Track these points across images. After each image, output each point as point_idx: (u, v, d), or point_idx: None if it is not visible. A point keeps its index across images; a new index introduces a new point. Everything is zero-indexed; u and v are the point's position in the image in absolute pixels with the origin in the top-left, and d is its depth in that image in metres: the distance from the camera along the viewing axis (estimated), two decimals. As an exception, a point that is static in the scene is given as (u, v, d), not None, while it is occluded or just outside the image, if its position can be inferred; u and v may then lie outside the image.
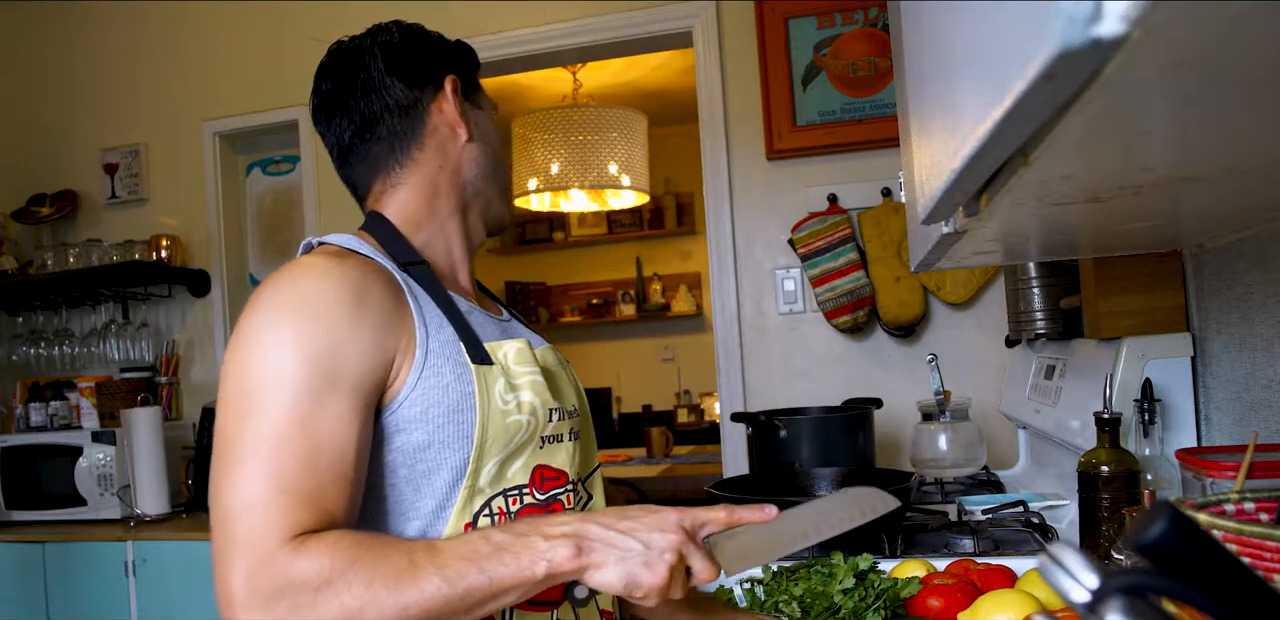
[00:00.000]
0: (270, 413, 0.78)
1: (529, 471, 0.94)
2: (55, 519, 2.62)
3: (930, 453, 1.79)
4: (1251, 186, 0.73)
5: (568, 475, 0.98)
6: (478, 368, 0.90)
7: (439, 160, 1.04)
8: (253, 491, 0.75)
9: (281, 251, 3.09)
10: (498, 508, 0.91)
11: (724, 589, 1.15)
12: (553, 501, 0.96)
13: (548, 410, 0.95)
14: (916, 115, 0.88)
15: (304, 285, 0.83)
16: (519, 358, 0.95)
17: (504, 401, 0.91)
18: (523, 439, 0.93)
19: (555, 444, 0.97)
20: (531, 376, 0.94)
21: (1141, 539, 0.39)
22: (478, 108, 1.07)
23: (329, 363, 0.80)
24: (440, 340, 0.90)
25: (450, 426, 0.88)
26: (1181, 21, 0.31)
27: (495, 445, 0.90)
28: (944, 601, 1.01)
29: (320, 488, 0.77)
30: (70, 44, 3.19)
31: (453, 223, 1.05)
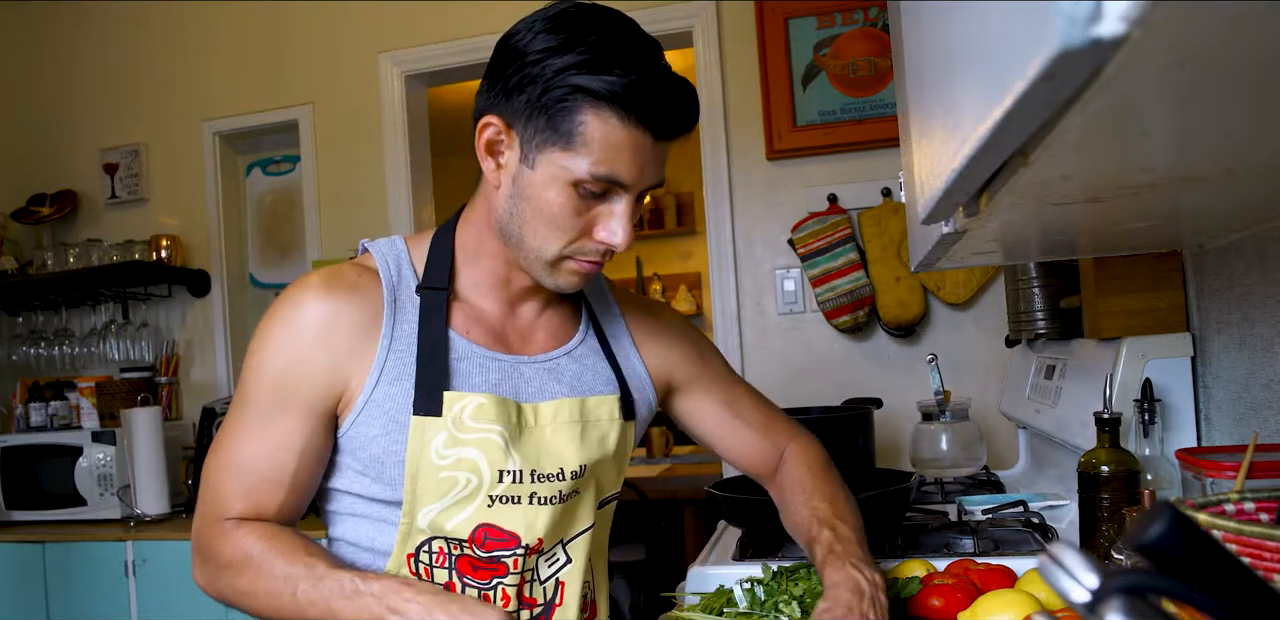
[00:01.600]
0: (240, 415, 0.93)
1: (470, 528, 0.93)
2: (55, 519, 2.62)
3: (930, 453, 1.79)
4: (1251, 186, 0.73)
5: (519, 539, 0.94)
6: (417, 419, 0.91)
7: (484, 192, 0.97)
8: (215, 469, 0.94)
9: (282, 251, 3.09)
10: (438, 547, 0.94)
11: (723, 589, 1.15)
12: (496, 562, 0.94)
13: (496, 472, 0.93)
14: (916, 115, 0.88)
15: (287, 310, 0.93)
16: (478, 413, 0.92)
17: (439, 456, 0.92)
18: (461, 495, 0.92)
19: (509, 505, 0.94)
20: (485, 434, 0.92)
21: (1141, 539, 0.39)
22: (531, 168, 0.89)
23: (284, 384, 0.91)
24: (386, 391, 0.92)
25: (378, 469, 0.94)
26: (1181, 21, 0.31)
27: (427, 496, 0.93)
28: (944, 601, 1.01)
29: (260, 485, 0.92)
30: (70, 44, 3.19)
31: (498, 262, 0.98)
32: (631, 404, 1.06)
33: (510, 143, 0.90)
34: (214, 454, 0.94)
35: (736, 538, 1.44)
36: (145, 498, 2.55)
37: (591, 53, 0.85)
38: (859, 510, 1.08)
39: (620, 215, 0.91)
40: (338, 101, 2.87)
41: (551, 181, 0.88)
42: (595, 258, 0.93)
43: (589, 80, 0.84)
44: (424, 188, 2.88)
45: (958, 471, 1.78)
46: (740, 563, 1.31)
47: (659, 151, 0.90)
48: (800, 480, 1.11)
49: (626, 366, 1.08)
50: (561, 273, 0.94)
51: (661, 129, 0.87)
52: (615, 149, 0.86)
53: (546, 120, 0.86)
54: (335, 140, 2.88)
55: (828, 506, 1.05)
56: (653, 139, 0.87)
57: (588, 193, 0.88)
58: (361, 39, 2.81)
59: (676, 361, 1.13)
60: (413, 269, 0.98)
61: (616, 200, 0.90)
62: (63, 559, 2.49)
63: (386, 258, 0.98)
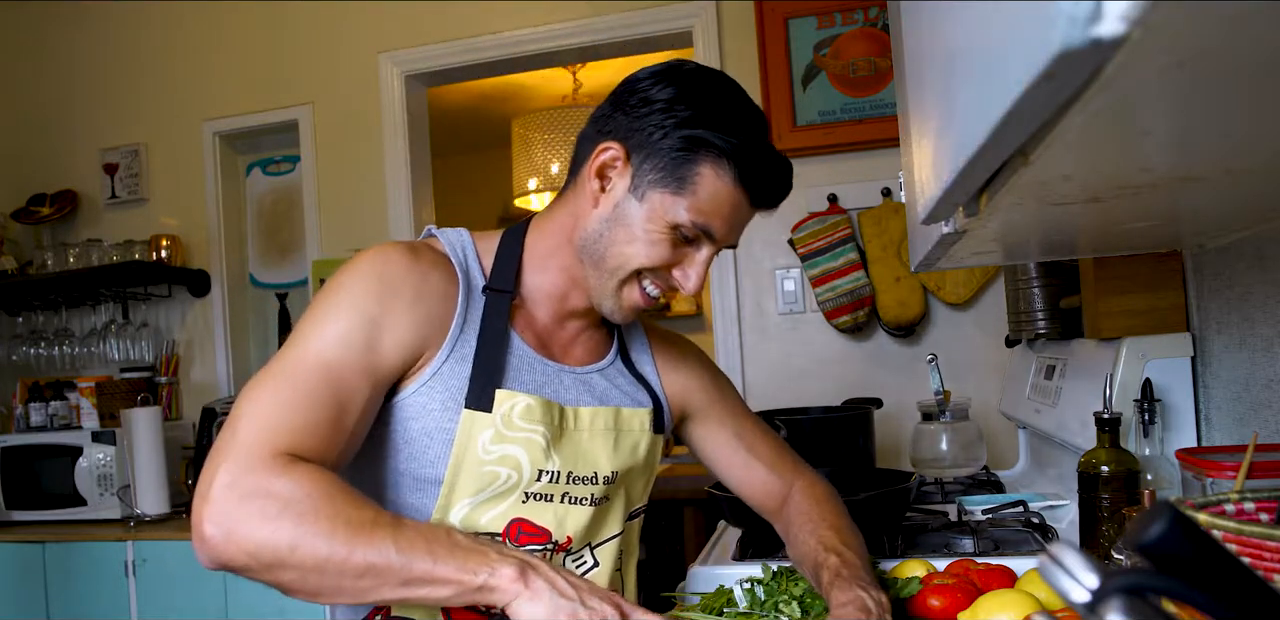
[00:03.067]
0: (309, 348, 0.86)
1: (505, 522, 0.95)
2: (55, 519, 2.62)
3: (930, 453, 1.79)
4: (1251, 186, 0.73)
5: (550, 534, 0.97)
6: (468, 413, 0.93)
7: (572, 205, 1.00)
8: (266, 403, 0.82)
9: (282, 251, 3.09)
10: None
11: (724, 589, 1.15)
12: None
13: (535, 470, 0.95)
14: (916, 115, 0.88)
15: (378, 265, 0.91)
16: (526, 414, 0.95)
17: (485, 451, 0.93)
18: (499, 490, 0.95)
19: (542, 503, 0.97)
20: (529, 434, 0.95)
21: (1141, 539, 0.39)
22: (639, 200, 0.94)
23: (371, 330, 0.88)
24: (454, 368, 0.93)
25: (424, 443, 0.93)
26: (1181, 21, 0.31)
27: (467, 488, 0.94)
28: (944, 601, 1.01)
29: (319, 424, 0.83)
30: (70, 44, 3.19)
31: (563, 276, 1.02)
32: (662, 418, 1.10)
33: (623, 172, 0.95)
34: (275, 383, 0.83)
35: (736, 538, 1.44)
36: (145, 498, 2.55)
37: (719, 112, 0.93)
38: (864, 542, 1.10)
39: (699, 263, 0.97)
40: (338, 101, 2.87)
41: (653, 218, 0.94)
42: (658, 292, 0.99)
43: (716, 137, 0.91)
44: (424, 188, 2.88)
45: (958, 471, 1.78)
46: (740, 563, 1.31)
47: (748, 216, 0.99)
48: (807, 511, 1.12)
49: (653, 387, 1.12)
50: (623, 299, 0.98)
51: (761, 197, 0.97)
52: (719, 203, 0.93)
53: (668, 162, 0.92)
54: (335, 140, 2.88)
55: (834, 534, 1.07)
56: (749, 204, 0.96)
57: (680, 237, 0.95)
58: (361, 39, 2.81)
59: (694, 389, 1.16)
60: (479, 264, 1.00)
61: (701, 249, 0.97)
62: (63, 559, 2.49)
63: (455, 246, 1.00)
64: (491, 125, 4.54)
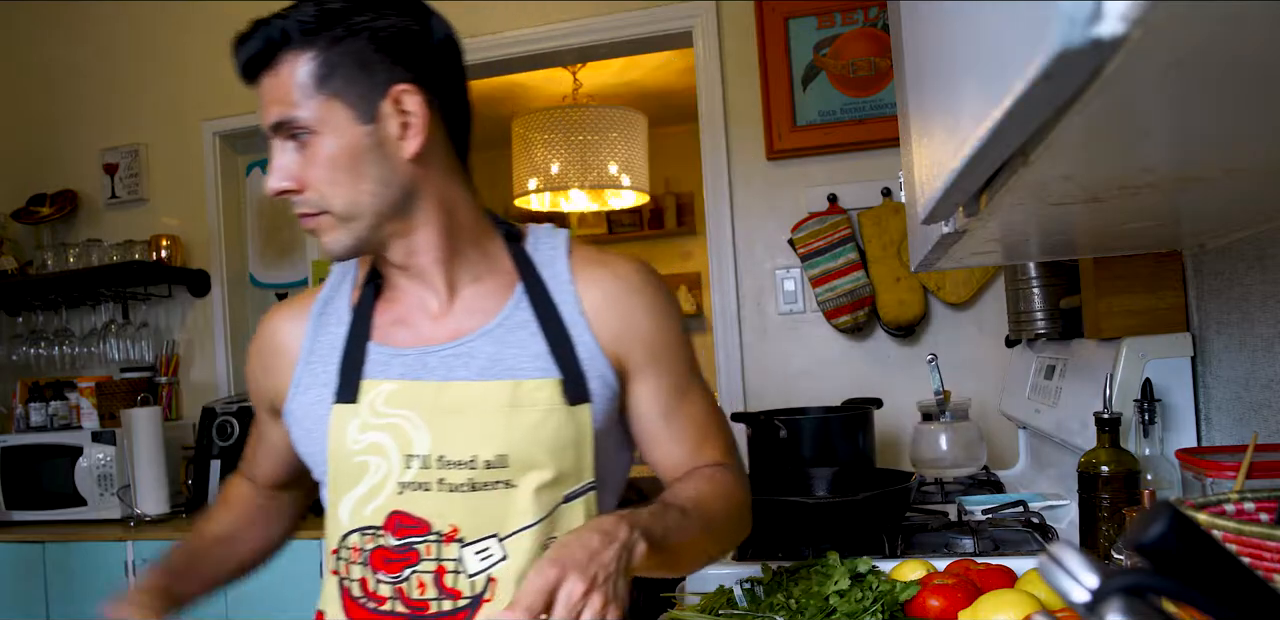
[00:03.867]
0: None
1: (384, 514, 0.95)
2: (55, 519, 2.62)
3: (930, 453, 1.79)
4: (1251, 186, 0.73)
5: (429, 525, 0.94)
6: (338, 407, 0.97)
7: None
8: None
9: (281, 252, 3.09)
10: (353, 543, 0.97)
11: (724, 589, 1.15)
12: (409, 550, 0.95)
13: (404, 456, 0.94)
14: (916, 115, 0.88)
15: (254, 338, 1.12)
16: (390, 400, 0.96)
17: (354, 441, 0.96)
18: (374, 480, 0.96)
19: (419, 492, 0.94)
20: (395, 419, 0.95)
21: (1141, 539, 0.39)
22: None
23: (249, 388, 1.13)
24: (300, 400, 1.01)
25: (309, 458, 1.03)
26: (1181, 21, 0.31)
27: (345, 483, 0.97)
28: (944, 601, 1.01)
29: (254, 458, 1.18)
30: (70, 44, 3.19)
31: None
32: (582, 385, 0.97)
33: None
34: None
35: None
36: (145, 498, 2.55)
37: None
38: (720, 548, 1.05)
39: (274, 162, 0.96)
40: (338, 101, 2.86)
41: None
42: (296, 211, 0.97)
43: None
44: (424, 188, 2.87)
45: (958, 471, 1.78)
46: (740, 563, 1.31)
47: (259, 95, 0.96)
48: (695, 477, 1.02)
49: (577, 339, 0.98)
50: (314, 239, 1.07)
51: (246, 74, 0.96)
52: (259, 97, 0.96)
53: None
54: (335, 140, 2.87)
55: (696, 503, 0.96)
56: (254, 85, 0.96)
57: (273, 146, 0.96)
58: (361, 39, 2.80)
59: (631, 341, 1.01)
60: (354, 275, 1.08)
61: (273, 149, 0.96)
62: (63, 559, 2.49)
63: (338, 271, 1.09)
64: (491, 125, 4.52)
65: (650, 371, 1.03)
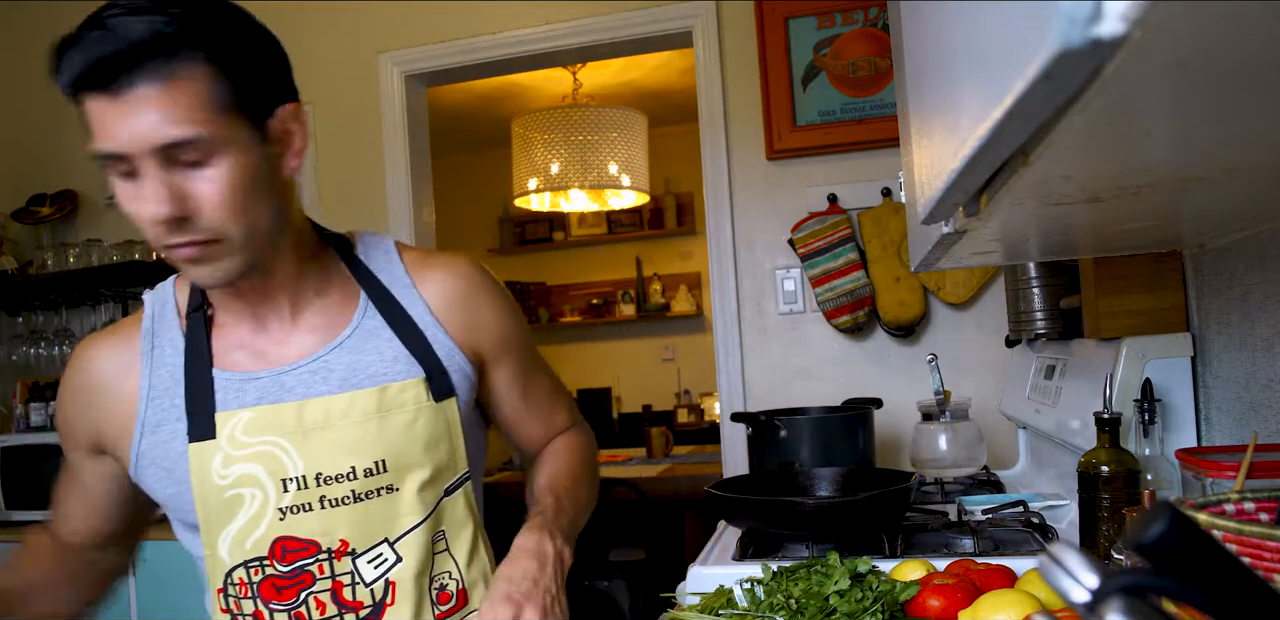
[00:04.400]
0: None
1: (268, 544, 0.94)
2: (55, 519, 2.62)
3: (930, 453, 1.79)
4: (1251, 186, 0.73)
5: (318, 545, 0.94)
6: (195, 446, 0.93)
7: None
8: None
9: (281, 251, 3.09)
10: (239, 578, 0.94)
11: (723, 589, 1.15)
12: (301, 572, 0.94)
13: (279, 481, 0.93)
14: (916, 115, 0.88)
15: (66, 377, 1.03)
16: (249, 428, 0.93)
17: (220, 477, 0.93)
18: (250, 511, 0.93)
19: (301, 514, 0.93)
20: (261, 447, 0.93)
21: (1141, 539, 0.39)
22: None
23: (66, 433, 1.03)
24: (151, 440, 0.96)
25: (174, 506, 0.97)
26: (1181, 21, 0.31)
27: (220, 520, 0.94)
28: (944, 601, 1.01)
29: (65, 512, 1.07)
30: (70, 44, 3.19)
31: None
32: (446, 381, 1.00)
33: None
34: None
35: (736, 538, 1.44)
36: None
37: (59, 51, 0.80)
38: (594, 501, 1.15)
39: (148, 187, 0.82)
40: (338, 101, 2.86)
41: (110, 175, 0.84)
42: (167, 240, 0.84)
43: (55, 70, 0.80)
44: (424, 187, 2.88)
45: (958, 471, 1.78)
46: (740, 563, 1.31)
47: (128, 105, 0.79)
48: (555, 454, 1.15)
49: (432, 339, 1.01)
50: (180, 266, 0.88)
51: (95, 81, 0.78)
52: (95, 126, 0.80)
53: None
54: (335, 140, 2.88)
55: (569, 483, 1.09)
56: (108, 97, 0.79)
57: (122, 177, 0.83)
58: (361, 39, 2.81)
59: (482, 333, 1.05)
60: (176, 308, 1.01)
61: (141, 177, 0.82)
62: (63, 559, 2.49)
63: (152, 305, 1.01)
64: (491, 125, 4.54)
65: (504, 360, 1.09)
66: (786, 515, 1.31)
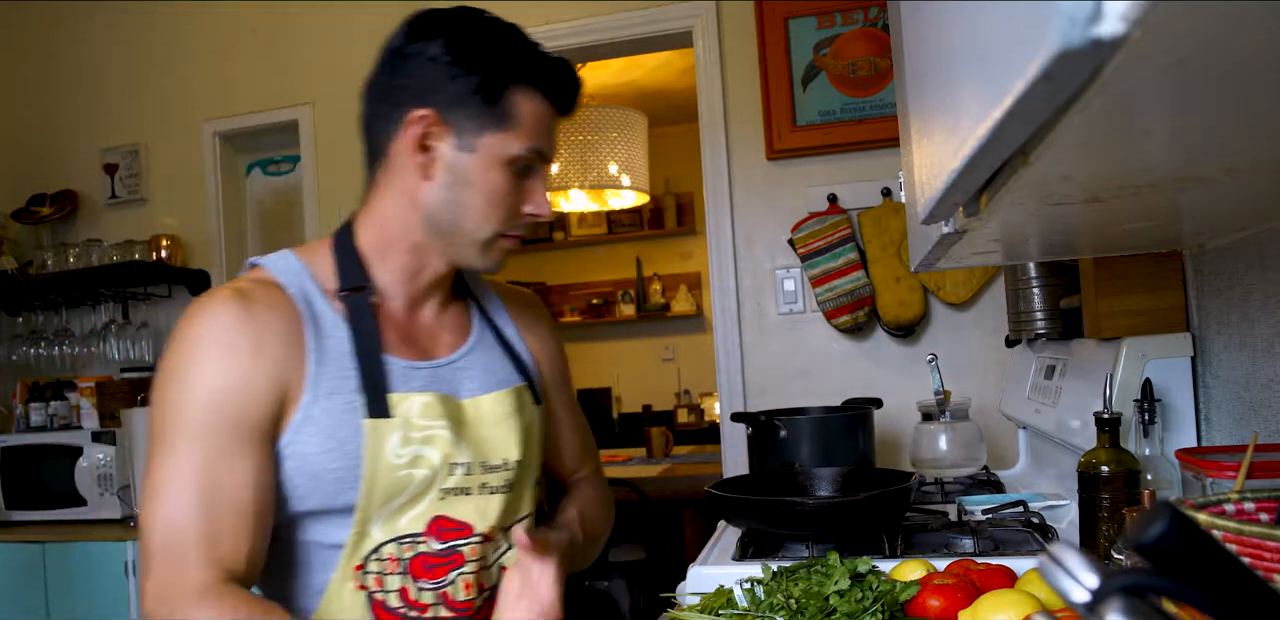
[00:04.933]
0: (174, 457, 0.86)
1: (425, 521, 0.96)
2: (55, 519, 2.62)
3: (930, 453, 1.79)
4: (1251, 186, 0.73)
5: (473, 528, 0.99)
6: (372, 422, 0.93)
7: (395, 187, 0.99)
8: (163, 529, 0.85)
9: (281, 251, 3.09)
10: (388, 554, 0.95)
11: (723, 589, 1.15)
12: (452, 552, 0.97)
13: (448, 465, 0.97)
14: (916, 115, 0.88)
15: (208, 327, 0.90)
16: (425, 412, 0.96)
17: (396, 456, 0.94)
18: (415, 491, 0.95)
19: (461, 496, 0.98)
20: (434, 430, 0.96)
21: (1141, 539, 0.39)
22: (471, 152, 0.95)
23: (227, 408, 0.87)
24: (325, 406, 0.92)
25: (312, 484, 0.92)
26: (1181, 21, 0.31)
27: (383, 497, 0.94)
28: (944, 601, 1.01)
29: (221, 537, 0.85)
30: (71, 44, 3.19)
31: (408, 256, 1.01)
32: (535, 389, 1.12)
33: (443, 133, 0.95)
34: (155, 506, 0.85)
35: (736, 538, 1.44)
36: (145, 498, 2.55)
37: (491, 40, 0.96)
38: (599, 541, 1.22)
39: (541, 188, 1.00)
40: (338, 101, 2.86)
41: (493, 162, 0.95)
42: (523, 231, 1.02)
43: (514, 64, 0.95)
44: (424, 188, 2.88)
45: (958, 471, 1.78)
46: (740, 563, 1.31)
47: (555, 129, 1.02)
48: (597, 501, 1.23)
49: (521, 354, 1.12)
50: (493, 251, 1.00)
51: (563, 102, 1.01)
52: (538, 122, 0.97)
53: (480, 104, 0.94)
54: (335, 140, 2.88)
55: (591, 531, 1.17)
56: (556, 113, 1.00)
57: (520, 170, 0.97)
58: (361, 39, 2.81)
59: (549, 354, 1.18)
60: (314, 282, 0.98)
61: (535, 175, 1.00)
62: (63, 559, 2.49)
63: (286, 273, 0.98)
64: (491, 125, 4.53)
65: (558, 387, 1.20)
66: (786, 515, 1.31)
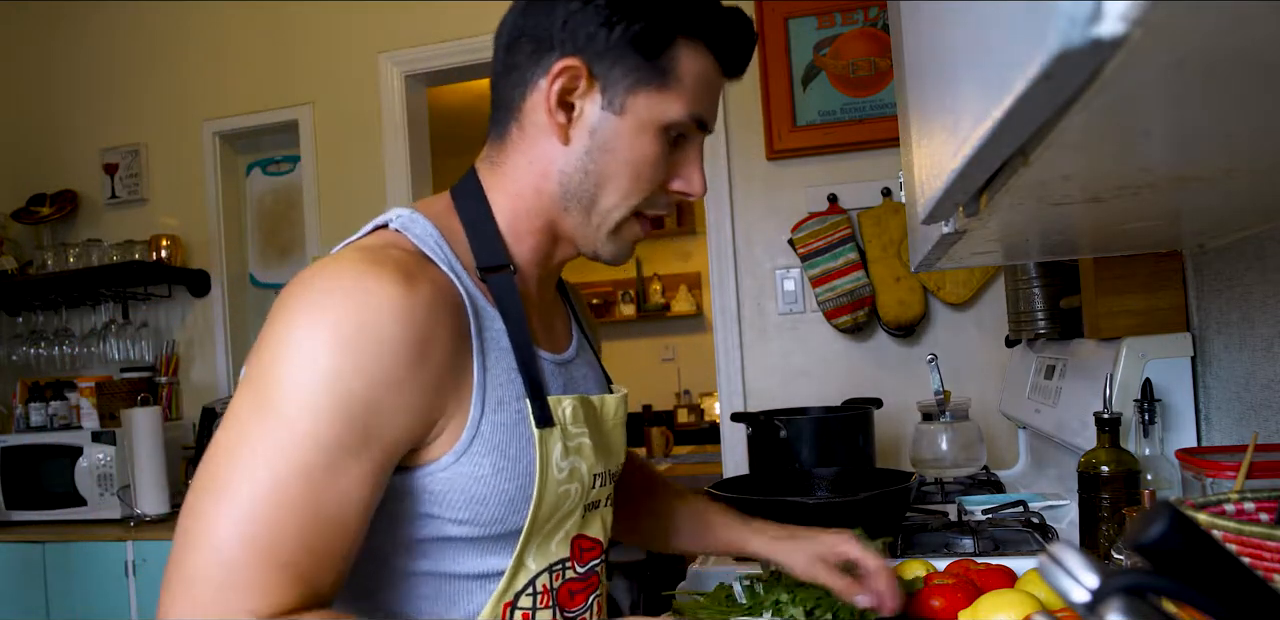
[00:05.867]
0: (277, 457, 0.64)
1: (569, 543, 0.84)
2: (55, 519, 2.62)
3: (930, 453, 1.79)
4: (1251, 186, 0.73)
5: (602, 545, 0.88)
6: (543, 433, 0.78)
7: (528, 152, 0.82)
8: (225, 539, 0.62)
9: (282, 251, 3.09)
10: (542, 585, 0.81)
11: (724, 585, 1.15)
12: (590, 574, 0.86)
13: (592, 477, 0.84)
14: (916, 115, 0.88)
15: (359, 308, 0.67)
16: (575, 416, 0.83)
17: (559, 469, 0.80)
18: (568, 509, 0.82)
19: (594, 512, 0.87)
20: (581, 439, 0.83)
21: (1141, 539, 0.39)
22: (618, 114, 0.79)
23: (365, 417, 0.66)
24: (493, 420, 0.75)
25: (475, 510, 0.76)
26: (1181, 21, 0.31)
27: (543, 521, 0.80)
28: (944, 601, 1.01)
29: (306, 558, 0.64)
30: (71, 44, 3.19)
31: (541, 236, 0.86)
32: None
33: (588, 91, 0.79)
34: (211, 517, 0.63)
35: (736, 538, 1.43)
36: (145, 498, 2.55)
37: None
38: None
39: (695, 161, 0.84)
40: (338, 101, 2.87)
41: (644, 128, 0.79)
42: (665, 211, 0.86)
43: (682, 14, 0.78)
44: (424, 188, 2.88)
45: (958, 471, 1.78)
46: (740, 563, 1.31)
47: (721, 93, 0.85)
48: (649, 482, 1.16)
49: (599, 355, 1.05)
50: (622, 237, 0.85)
51: (733, 63, 0.83)
52: (704, 84, 0.81)
53: (638, 58, 0.77)
54: (335, 140, 2.88)
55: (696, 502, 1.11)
56: (723, 76, 0.84)
57: (674, 138, 0.82)
58: (361, 39, 2.81)
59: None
60: (453, 253, 0.79)
61: (690, 146, 0.84)
62: (63, 559, 2.49)
63: (431, 245, 0.78)
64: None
65: None
66: (787, 515, 1.31)
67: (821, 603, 1.03)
